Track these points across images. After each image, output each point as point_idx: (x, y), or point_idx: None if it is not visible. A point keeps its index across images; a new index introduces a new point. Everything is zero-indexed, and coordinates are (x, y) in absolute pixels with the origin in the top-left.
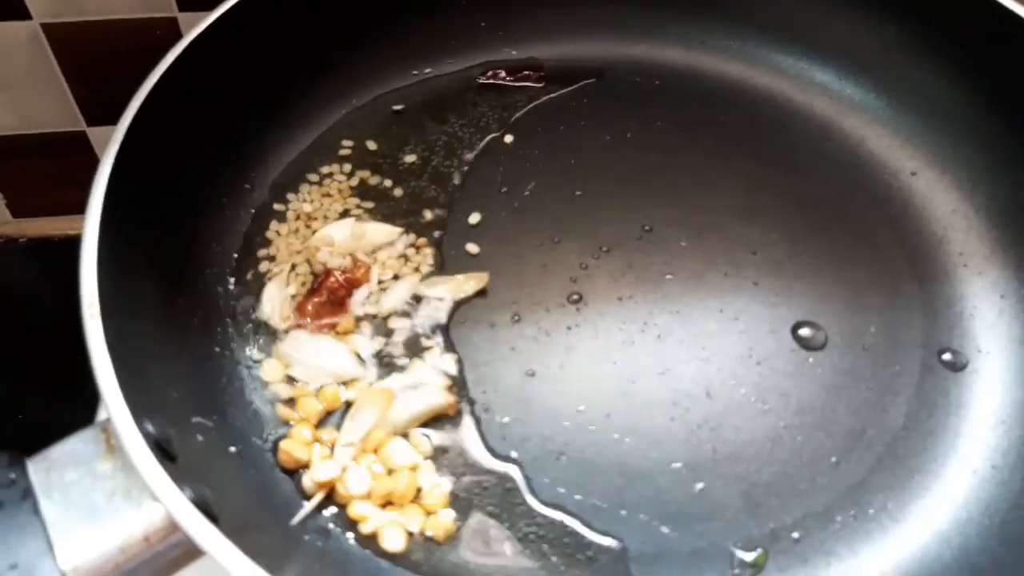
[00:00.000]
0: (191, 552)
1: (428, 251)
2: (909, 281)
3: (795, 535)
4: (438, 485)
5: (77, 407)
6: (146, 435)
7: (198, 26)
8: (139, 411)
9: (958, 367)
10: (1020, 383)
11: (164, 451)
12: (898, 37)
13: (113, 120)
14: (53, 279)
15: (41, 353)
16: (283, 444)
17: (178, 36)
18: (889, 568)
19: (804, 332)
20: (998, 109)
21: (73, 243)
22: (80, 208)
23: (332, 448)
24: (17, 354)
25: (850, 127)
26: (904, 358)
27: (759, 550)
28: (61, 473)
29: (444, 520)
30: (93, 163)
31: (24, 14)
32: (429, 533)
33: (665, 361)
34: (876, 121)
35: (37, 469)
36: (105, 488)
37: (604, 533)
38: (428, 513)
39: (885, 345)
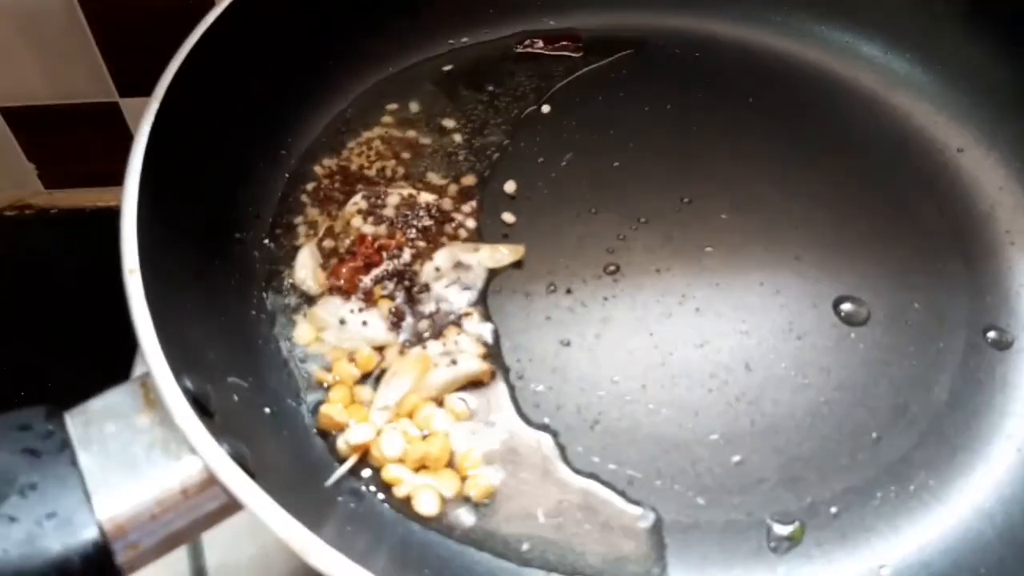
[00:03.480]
0: (228, 507)
1: (464, 219)
2: (955, 258)
3: (833, 510)
4: (472, 450)
5: (107, 374)
6: (185, 390)
7: None
8: (178, 367)
9: (1004, 345)
10: None
11: (202, 408)
12: (945, 11)
13: (146, 91)
14: (84, 249)
15: (72, 321)
16: (323, 408)
17: (210, 5)
18: (930, 544)
19: (846, 307)
20: None
21: (104, 214)
22: (111, 179)
23: (367, 411)
24: (49, 322)
25: (896, 102)
26: (948, 336)
27: (796, 524)
28: (100, 426)
29: (483, 481)
30: (125, 135)
31: None
32: (470, 493)
33: (703, 334)
34: (923, 97)
35: (75, 422)
36: (143, 441)
37: (638, 503)
38: (463, 478)
39: (929, 322)
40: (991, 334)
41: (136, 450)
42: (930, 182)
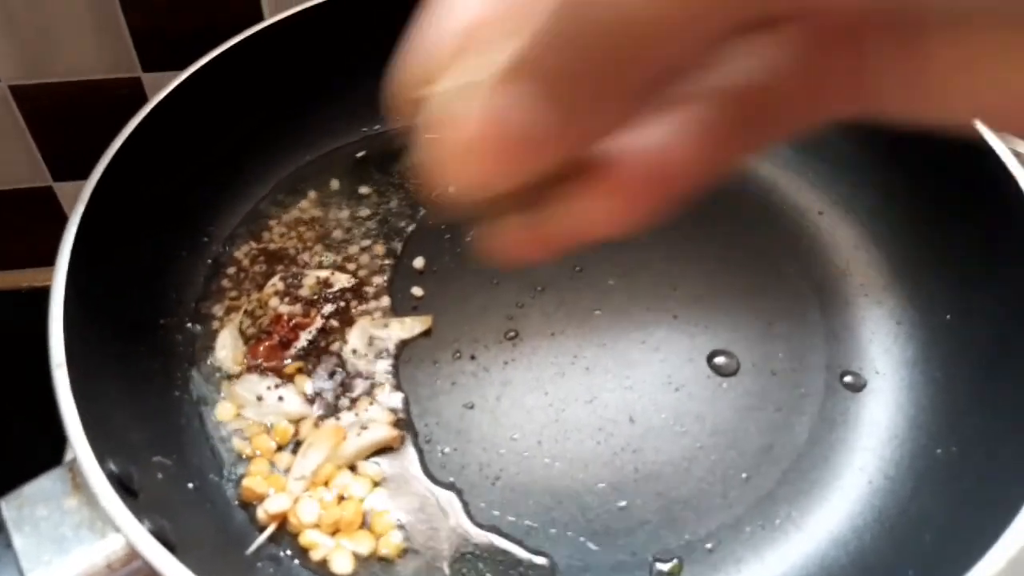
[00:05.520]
0: None
1: (377, 294)
2: (814, 310)
3: (708, 545)
4: (385, 511)
5: (44, 452)
6: (109, 474)
7: (161, 92)
8: (102, 451)
9: (857, 388)
10: (912, 402)
11: (126, 487)
12: None
13: (79, 175)
14: (21, 328)
15: (10, 401)
16: (245, 481)
17: (142, 95)
18: (792, 571)
19: (719, 360)
20: (895, 156)
21: (40, 294)
22: (47, 260)
23: (285, 481)
24: None
25: (764, 173)
26: (809, 381)
27: (675, 560)
28: (32, 509)
29: (394, 540)
30: (60, 216)
31: None
32: (383, 553)
33: (592, 390)
34: (787, 167)
35: (9, 506)
36: (72, 521)
37: (535, 551)
38: (376, 537)
39: (792, 369)
40: (847, 378)
41: (65, 530)
42: (793, 242)
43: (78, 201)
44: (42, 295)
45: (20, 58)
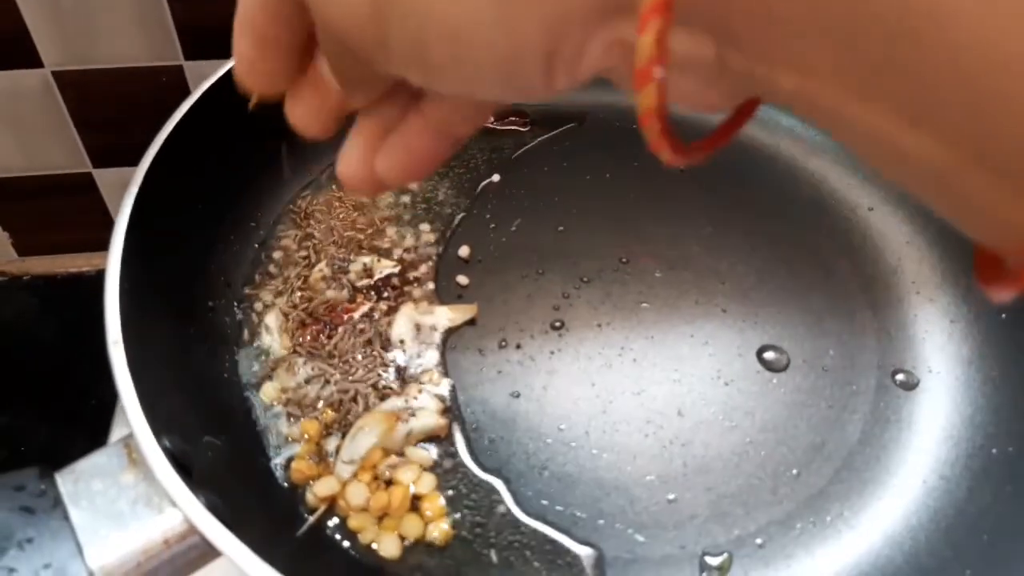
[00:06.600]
0: (206, 554)
1: (422, 282)
2: (865, 307)
3: (758, 541)
4: (433, 497)
5: (77, 438)
6: (165, 450)
7: (209, 79)
8: (158, 428)
9: (910, 386)
10: (968, 401)
11: (180, 465)
12: None
13: (119, 162)
14: (57, 315)
15: (45, 383)
16: (294, 463)
17: (184, 83)
18: (845, 570)
19: (768, 355)
20: None
21: (76, 279)
22: (83, 246)
23: (334, 465)
24: (20, 388)
25: (813, 167)
26: (860, 378)
27: (725, 555)
28: (88, 484)
29: (442, 526)
30: (98, 203)
31: (36, 62)
32: (431, 538)
33: (640, 383)
34: (837, 162)
35: (65, 481)
36: (128, 496)
37: (583, 542)
38: (425, 523)
39: (843, 367)
40: (899, 376)
41: (122, 505)
42: (844, 238)
43: (131, 184)
44: (78, 280)
45: (63, 44)
